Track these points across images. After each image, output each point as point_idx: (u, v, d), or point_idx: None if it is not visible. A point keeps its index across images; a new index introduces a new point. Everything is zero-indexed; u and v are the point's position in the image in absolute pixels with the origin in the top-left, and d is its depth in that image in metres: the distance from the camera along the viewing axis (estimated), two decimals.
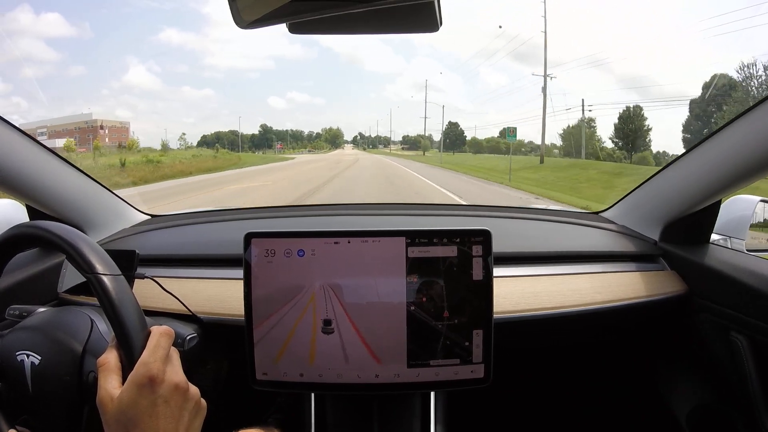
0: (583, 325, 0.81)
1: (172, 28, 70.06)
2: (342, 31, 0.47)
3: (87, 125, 28.56)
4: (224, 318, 0.74)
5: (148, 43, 67.03)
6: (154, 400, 0.41)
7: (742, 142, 0.69)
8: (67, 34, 55.13)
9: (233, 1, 0.40)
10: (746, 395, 0.74)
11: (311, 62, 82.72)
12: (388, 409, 0.71)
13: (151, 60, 61.87)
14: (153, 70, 61.90)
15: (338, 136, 56.00)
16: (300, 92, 75.24)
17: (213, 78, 66.92)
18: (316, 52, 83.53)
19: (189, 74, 65.60)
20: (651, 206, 0.94)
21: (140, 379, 0.41)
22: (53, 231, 0.47)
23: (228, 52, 68.50)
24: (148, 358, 0.42)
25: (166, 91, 62.02)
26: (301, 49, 76.97)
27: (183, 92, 63.50)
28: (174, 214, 1.14)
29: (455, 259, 0.62)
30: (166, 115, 59.83)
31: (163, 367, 0.42)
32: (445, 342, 0.62)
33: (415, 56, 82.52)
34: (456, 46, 66.49)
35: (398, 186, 11.15)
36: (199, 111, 62.33)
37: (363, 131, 58.61)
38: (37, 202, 0.81)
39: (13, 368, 0.50)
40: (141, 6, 68.11)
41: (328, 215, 1.17)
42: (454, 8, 68.61)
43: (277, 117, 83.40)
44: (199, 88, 64.37)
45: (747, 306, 0.72)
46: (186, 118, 60.17)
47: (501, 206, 1.22)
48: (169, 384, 0.42)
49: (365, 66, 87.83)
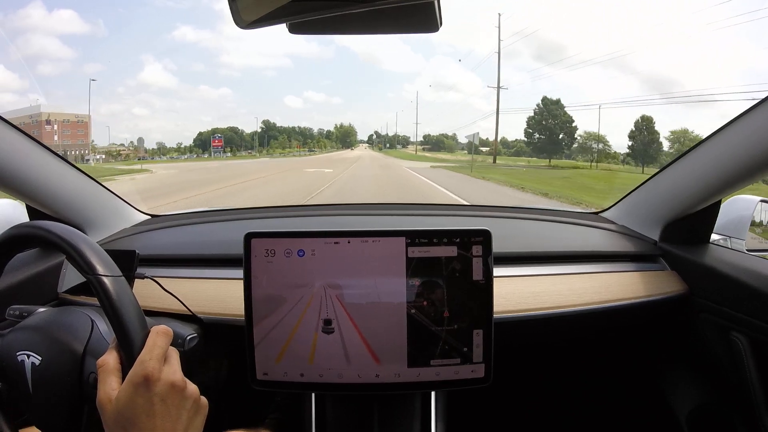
0: (583, 325, 0.81)
1: (187, 26, 69.67)
2: (342, 31, 0.47)
3: (31, 120, 22.52)
4: (224, 318, 0.74)
5: (162, 40, 66.72)
6: (151, 398, 0.41)
7: (742, 142, 0.69)
8: (81, 32, 54.98)
9: (233, 1, 0.40)
10: (746, 395, 0.74)
11: (328, 61, 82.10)
12: (389, 409, 0.71)
13: (167, 58, 61.62)
14: (169, 68, 61.62)
15: (350, 133, 47.71)
16: (317, 91, 74.66)
17: (230, 76, 66.52)
18: (332, 51, 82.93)
19: (206, 73, 65.33)
20: (651, 206, 0.94)
21: (136, 378, 0.41)
22: (54, 231, 0.46)
23: (243, 50, 67.94)
24: (144, 357, 0.42)
25: (183, 89, 61.81)
26: (317, 47, 76.40)
27: (200, 91, 63.22)
28: (174, 214, 1.14)
29: (455, 259, 0.62)
30: (185, 114, 59.58)
31: (160, 365, 0.42)
32: (445, 342, 0.62)
33: (434, 55, 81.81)
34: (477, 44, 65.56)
35: None
36: (217, 110, 62.04)
37: (379, 129, 50.63)
38: (37, 202, 0.81)
39: (14, 368, 0.50)
40: (157, 5, 67.77)
41: (328, 215, 1.17)
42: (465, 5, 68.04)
43: (294, 116, 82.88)
44: (216, 87, 64.06)
45: (747, 306, 0.72)
46: (204, 116, 59.84)
47: (501, 206, 1.22)
48: (166, 383, 0.42)
49: (383, 65, 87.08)
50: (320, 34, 0.47)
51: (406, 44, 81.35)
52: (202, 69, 65.28)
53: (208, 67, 65.36)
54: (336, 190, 9.89)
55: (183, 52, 65.52)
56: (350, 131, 47.80)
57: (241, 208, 1.24)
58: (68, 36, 51.86)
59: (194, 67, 65.39)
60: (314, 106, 71.63)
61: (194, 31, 67.76)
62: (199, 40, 65.38)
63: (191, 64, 65.95)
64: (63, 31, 50.95)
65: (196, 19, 72.27)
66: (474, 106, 49.42)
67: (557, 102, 25.97)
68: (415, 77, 79.75)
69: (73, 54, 52.89)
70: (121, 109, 55.17)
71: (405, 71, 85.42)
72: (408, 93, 72.51)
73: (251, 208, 1.25)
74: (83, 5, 55.83)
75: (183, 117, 59.72)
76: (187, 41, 64.80)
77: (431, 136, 42.60)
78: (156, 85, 59.65)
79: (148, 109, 56.51)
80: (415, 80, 76.24)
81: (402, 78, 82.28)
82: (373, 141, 48.36)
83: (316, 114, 72.03)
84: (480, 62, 48.35)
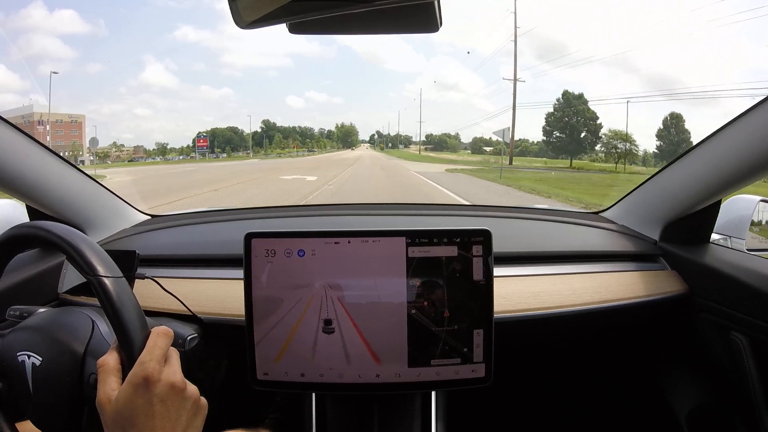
0: (583, 324, 0.81)
1: (188, 26, 69.16)
2: (342, 31, 0.47)
3: (24, 120, 21.58)
4: (225, 318, 0.74)
5: (164, 40, 66.23)
6: (150, 399, 0.41)
7: (742, 141, 0.69)
8: (82, 32, 54.61)
9: (233, 1, 0.40)
10: (746, 395, 0.74)
11: (330, 61, 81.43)
12: (389, 409, 0.71)
13: (168, 58, 61.20)
14: (170, 68, 61.14)
15: (351, 133, 45.91)
16: (318, 91, 74.05)
17: (231, 76, 65.91)
18: (334, 51, 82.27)
19: (207, 72, 64.74)
20: (651, 206, 0.94)
21: (136, 379, 0.41)
22: (54, 231, 0.46)
23: (245, 49, 67.42)
24: (144, 358, 0.42)
25: (184, 89, 61.34)
26: (319, 47, 75.81)
27: (202, 91, 62.67)
28: (174, 214, 1.14)
29: (456, 259, 0.62)
30: (186, 114, 59.12)
31: (159, 366, 0.42)
32: (445, 341, 0.62)
33: (435, 54, 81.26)
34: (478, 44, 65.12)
35: None
36: (219, 110, 61.48)
37: (381, 129, 48.59)
38: (37, 202, 0.81)
39: (14, 368, 0.50)
40: (158, 5, 67.31)
41: (329, 215, 1.17)
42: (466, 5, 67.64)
43: (296, 117, 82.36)
44: (217, 87, 63.59)
45: (747, 305, 0.72)
46: (206, 116, 59.34)
47: (501, 206, 1.22)
48: (165, 383, 0.42)
49: (385, 65, 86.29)
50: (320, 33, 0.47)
51: (408, 43, 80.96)
52: (203, 69, 65.11)
53: (209, 67, 65.21)
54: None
55: (184, 51, 65.34)
56: (351, 131, 46.25)
57: (241, 208, 1.24)
58: (69, 36, 51.77)
59: (195, 66, 65.22)
60: (316, 106, 71.32)
61: (195, 31, 67.58)
62: (200, 40, 65.22)
63: (192, 64, 65.79)
64: (64, 31, 50.82)
65: (197, 18, 72.05)
66: (476, 106, 48.90)
67: (580, 97, 23.70)
68: (416, 77, 79.35)
69: (74, 54, 52.80)
70: (123, 109, 54.99)
71: (406, 71, 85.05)
72: (409, 93, 72.17)
73: (251, 208, 1.25)
74: (84, 5, 55.69)
75: (184, 117, 59.53)
76: (189, 41, 64.67)
77: (434, 135, 41.21)
78: (157, 85, 59.52)
79: (150, 109, 56.33)
80: (416, 80, 75.86)
81: (404, 78, 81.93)
82: (374, 141, 46.88)
83: (318, 114, 71.71)
84: (483, 61, 47.59)
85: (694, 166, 0.80)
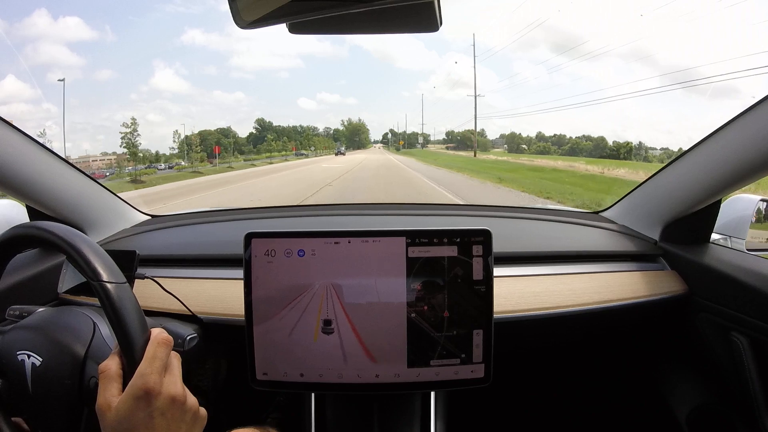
0: (583, 324, 0.81)
1: (195, 29, 68.51)
2: (342, 31, 0.47)
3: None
4: (224, 318, 0.74)
5: (173, 45, 65.71)
6: (151, 412, 0.41)
7: (742, 141, 0.69)
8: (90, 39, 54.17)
9: (233, 1, 0.40)
10: (746, 395, 0.74)
11: (342, 60, 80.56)
12: (389, 409, 0.71)
13: (178, 62, 60.66)
14: (181, 73, 60.56)
15: (360, 130, 38.32)
16: (331, 93, 73.22)
17: (243, 79, 64.74)
18: (346, 50, 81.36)
19: (218, 76, 63.66)
20: (651, 206, 0.94)
21: (137, 392, 0.41)
22: (56, 232, 0.46)
23: (255, 51, 66.69)
24: (145, 370, 0.42)
25: (197, 94, 60.74)
26: (331, 46, 75.01)
27: (214, 96, 61.73)
28: (174, 215, 1.14)
29: (455, 259, 0.62)
30: (200, 119, 58.58)
31: (160, 378, 0.42)
32: (445, 342, 0.62)
33: (447, 51, 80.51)
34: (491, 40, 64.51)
35: None
36: (233, 114, 60.63)
37: (394, 128, 39.47)
38: (37, 203, 0.81)
39: (14, 367, 0.50)
40: (167, 10, 66.86)
41: (329, 215, 1.17)
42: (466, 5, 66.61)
43: (309, 119, 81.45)
44: (230, 91, 62.73)
45: (747, 306, 0.72)
46: (219, 121, 58.72)
47: (501, 206, 1.22)
48: (166, 396, 0.42)
49: (397, 63, 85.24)
50: (320, 33, 0.47)
51: (420, 41, 80.00)
52: (214, 72, 64.42)
53: (220, 71, 64.38)
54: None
55: (194, 56, 64.75)
56: (360, 128, 38.63)
57: (241, 208, 1.24)
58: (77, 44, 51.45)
59: (207, 70, 64.59)
60: (329, 107, 70.31)
61: (204, 35, 67.08)
62: (208, 43, 64.72)
63: (203, 67, 65.18)
64: (71, 38, 50.50)
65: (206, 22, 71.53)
66: (489, 103, 47.86)
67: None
68: (429, 75, 78.50)
69: (83, 62, 52.48)
70: (137, 116, 54.65)
71: (419, 69, 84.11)
72: (422, 91, 71.26)
73: (251, 208, 1.25)
74: (90, 13, 55.31)
75: (198, 122, 58.89)
76: (197, 45, 64.16)
77: (454, 132, 34.62)
78: (169, 90, 59.03)
79: (164, 115, 55.85)
80: (429, 78, 74.90)
81: (416, 76, 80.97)
82: (388, 140, 38.47)
83: (332, 116, 70.81)
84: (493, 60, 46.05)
85: (694, 165, 0.80)
